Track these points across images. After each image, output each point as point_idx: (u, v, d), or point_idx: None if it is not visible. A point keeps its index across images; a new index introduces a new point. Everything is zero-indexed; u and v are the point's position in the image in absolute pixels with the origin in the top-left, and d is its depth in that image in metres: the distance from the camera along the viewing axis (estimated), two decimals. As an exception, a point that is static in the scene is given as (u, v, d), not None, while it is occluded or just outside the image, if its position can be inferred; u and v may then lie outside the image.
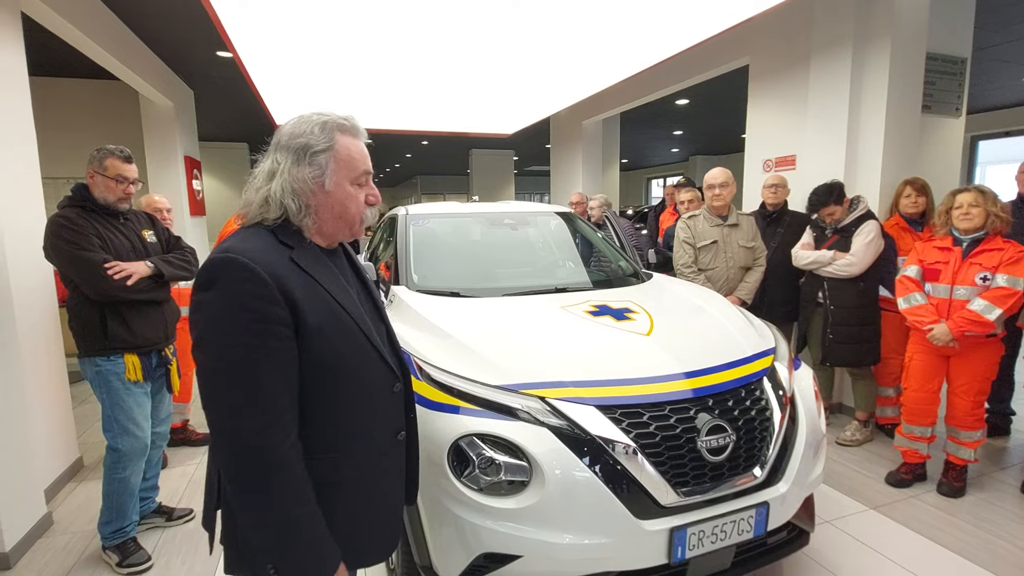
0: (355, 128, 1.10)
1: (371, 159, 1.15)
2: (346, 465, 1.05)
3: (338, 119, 1.07)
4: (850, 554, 2.26)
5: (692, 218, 3.37)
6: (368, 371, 1.07)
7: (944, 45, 3.62)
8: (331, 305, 1.02)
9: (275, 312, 0.93)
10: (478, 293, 2.38)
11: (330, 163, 1.04)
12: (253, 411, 0.91)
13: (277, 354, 0.93)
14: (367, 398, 1.08)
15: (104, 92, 5.93)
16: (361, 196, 1.09)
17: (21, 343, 2.52)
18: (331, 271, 1.08)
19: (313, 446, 1.01)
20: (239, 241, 0.99)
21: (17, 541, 2.32)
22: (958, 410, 2.63)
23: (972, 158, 8.92)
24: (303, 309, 0.96)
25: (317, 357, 0.98)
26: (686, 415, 1.65)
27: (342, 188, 1.06)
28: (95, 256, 2.09)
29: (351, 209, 1.08)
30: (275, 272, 0.94)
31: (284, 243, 1.02)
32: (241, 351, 0.91)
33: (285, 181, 1.02)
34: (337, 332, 1.01)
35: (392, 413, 1.14)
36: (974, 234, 2.54)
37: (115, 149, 2.21)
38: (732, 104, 7.48)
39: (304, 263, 1.02)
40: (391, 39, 3.52)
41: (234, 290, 0.91)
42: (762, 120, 4.23)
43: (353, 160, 1.07)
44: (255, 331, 0.91)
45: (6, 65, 2.65)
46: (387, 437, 1.13)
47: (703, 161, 14.27)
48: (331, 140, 1.05)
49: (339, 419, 1.04)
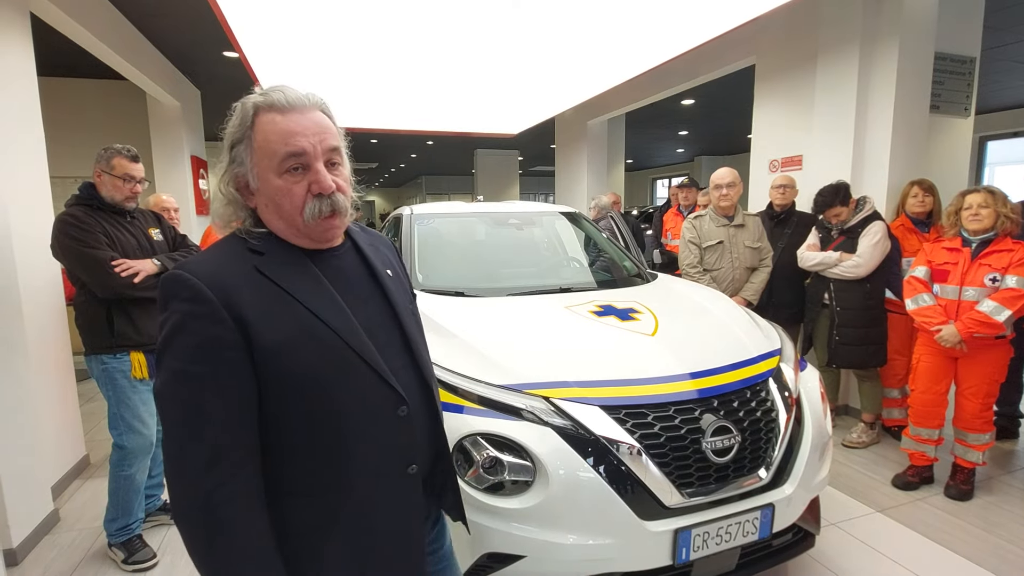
0: (275, 101, 0.88)
1: (373, 155, 0.98)
2: (337, 508, 0.89)
3: (257, 95, 0.89)
4: (856, 557, 2.24)
5: (698, 218, 3.36)
6: (359, 392, 0.90)
7: (952, 45, 3.59)
8: (303, 318, 0.87)
9: (217, 333, 0.81)
10: (482, 293, 2.38)
11: (247, 154, 0.89)
12: (195, 445, 0.80)
13: (225, 380, 0.81)
14: (360, 425, 0.90)
15: (111, 92, 5.97)
16: (298, 187, 0.88)
17: (29, 341, 2.54)
18: (311, 276, 0.92)
19: (293, 486, 0.88)
20: (202, 254, 0.91)
21: (24, 537, 2.34)
22: (966, 412, 2.61)
23: (981, 158, 8.85)
24: (257, 326, 0.83)
25: (281, 380, 0.85)
26: (691, 416, 1.65)
27: (267, 182, 0.88)
28: (102, 254, 2.10)
29: (284, 206, 0.89)
30: (225, 287, 0.83)
31: (254, 250, 0.89)
32: (183, 376, 0.81)
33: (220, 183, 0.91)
34: (309, 349, 0.87)
35: (398, 442, 0.95)
36: (984, 235, 2.52)
37: (122, 148, 2.22)
38: (738, 104, 7.45)
39: (271, 271, 0.88)
40: (396, 39, 3.53)
41: (178, 310, 0.82)
42: (768, 120, 4.21)
43: (270, 144, 0.87)
44: (196, 356, 0.81)
45: (15, 65, 2.67)
46: (393, 471, 0.94)
47: (708, 161, 14.22)
48: (246, 124, 0.88)
49: (319, 452, 0.88)
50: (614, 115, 6.59)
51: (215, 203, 0.94)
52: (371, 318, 0.97)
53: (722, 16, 3.18)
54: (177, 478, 0.81)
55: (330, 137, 0.91)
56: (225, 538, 0.79)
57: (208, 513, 0.79)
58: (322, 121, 0.91)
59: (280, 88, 0.89)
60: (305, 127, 0.88)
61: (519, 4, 2.98)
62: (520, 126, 6.49)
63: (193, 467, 0.80)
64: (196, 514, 0.80)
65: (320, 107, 0.93)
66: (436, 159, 15.90)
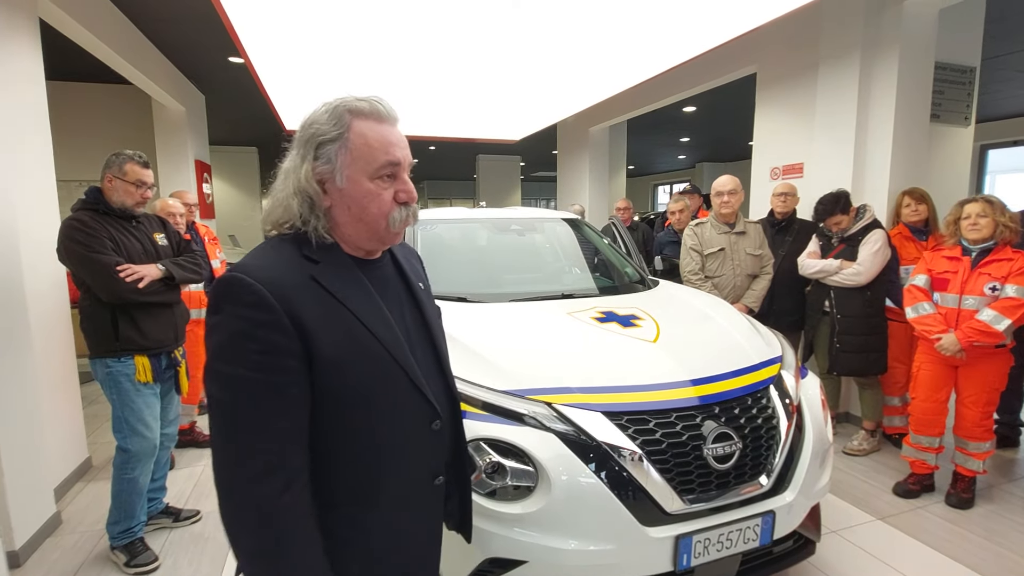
0: (376, 111, 0.91)
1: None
2: (366, 518, 0.90)
3: (352, 100, 0.90)
4: (856, 565, 2.24)
5: (699, 225, 3.38)
6: (400, 407, 0.92)
7: (953, 54, 3.61)
8: (357, 331, 0.87)
9: (282, 342, 0.80)
10: (485, 298, 2.39)
11: (340, 154, 0.89)
12: (252, 454, 0.79)
13: (285, 390, 0.81)
14: (397, 439, 0.92)
15: (117, 96, 6.01)
16: (387, 193, 0.90)
17: (34, 343, 2.55)
18: (363, 288, 0.92)
19: (327, 497, 0.87)
20: (254, 256, 0.88)
21: (27, 540, 2.35)
22: (966, 421, 2.61)
23: (982, 167, 8.87)
24: (318, 338, 0.83)
25: (334, 392, 0.85)
26: (692, 422, 1.65)
27: (358, 184, 0.89)
28: (107, 258, 2.12)
29: (371, 210, 0.90)
30: (287, 294, 0.82)
31: (308, 257, 0.89)
32: (244, 383, 0.79)
33: (292, 179, 0.89)
34: (362, 362, 0.87)
35: (429, 455, 0.97)
36: (983, 244, 2.53)
37: (133, 154, 2.24)
38: (739, 112, 7.48)
39: (327, 281, 0.88)
40: (400, 45, 3.56)
41: (238, 315, 0.80)
42: (770, 128, 4.24)
43: (370, 149, 0.89)
44: (259, 364, 0.79)
45: (24, 69, 2.70)
46: (421, 483, 0.96)
47: (710, 168, 14.25)
48: (342, 126, 0.89)
49: (360, 465, 0.89)
50: (616, 121, 6.62)
51: (271, 201, 0.93)
52: (408, 330, 0.98)
53: (724, 25, 3.21)
54: (231, 486, 0.80)
55: (410, 153, 0.95)
56: (283, 549, 0.79)
57: (264, 523, 0.78)
58: (404, 137, 0.95)
59: (373, 98, 0.92)
60: (400, 139, 0.93)
61: (522, 10, 3.01)
62: (522, 132, 6.52)
63: (249, 476, 0.79)
64: (252, 523, 0.79)
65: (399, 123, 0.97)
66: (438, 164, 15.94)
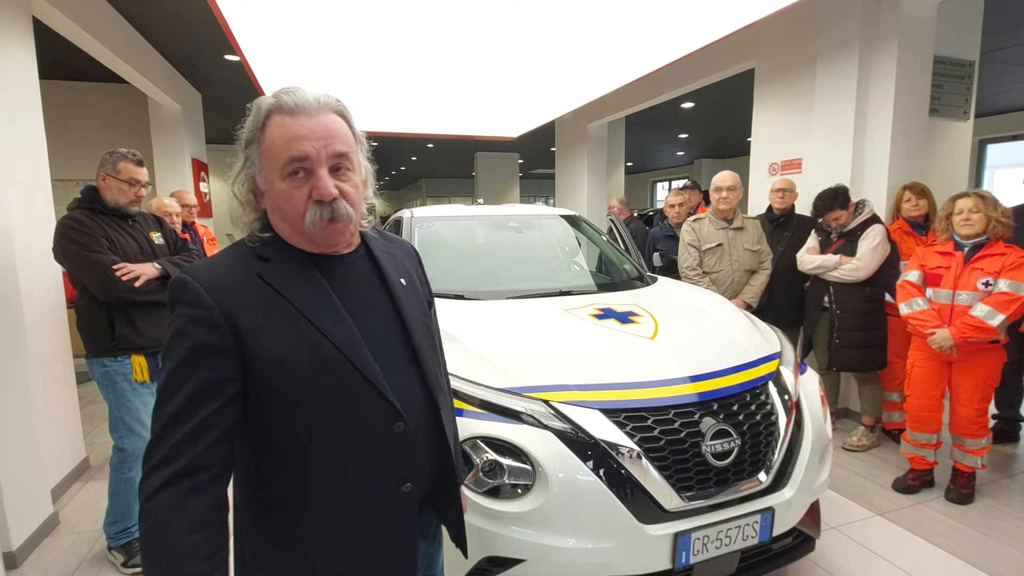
0: (285, 104, 0.85)
1: (373, 158, 0.97)
2: (325, 521, 0.89)
3: (270, 96, 0.87)
4: (856, 561, 2.24)
5: (697, 221, 3.37)
6: (354, 407, 0.89)
7: (952, 48, 3.60)
8: (303, 328, 0.86)
9: (211, 338, 0.82)
10: (482, 296, 2.38)
11: (258, 155, 0.88)
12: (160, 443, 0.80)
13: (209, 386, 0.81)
14: (351, 440, 0.89)
15: (113, 95, 5.98)
16: (299, 192, 0.86)
17: (30, 344, 2.54)
18: (315, 285, 0.90)
19: (284, 496, 0.89)
20: (210, 259, 0.92)
21: (24, 540, 2.34)
22: (962, 418, 2.61)
23: (981, 162, 8.86)
24: (259, 336, 0.83)
25: (277, 389, 0.85)
26: (691, 419, 1.65)
27: (272, 185, 0.88)
28: (103, 257, 2.11)
29: (287, 210, 0.87)
30: (224, 293, 0.83)
31: (261, 256, 0.89)
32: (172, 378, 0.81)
33: (234, 184, 0.91)
34: (304, 359, 0.85)
35: (393, 460, 0.93)
36: (975, 239, 2.53)
37: (127, 153, 2.23)
38: (738, 107, 7.46)
39: (274, 279, 0.87)
40: (397, 43, 3.54)
41: (179, 313, 0.83)
42: (768, 123, 4.22)
43: (275, 147, 0.85)
44: (185, 359, 0.81)
45: (18, 68, 2.68)
46: (385, 489, 0.93)
47: (708, 164, 14.24)
48: (258, 126, 0.87)
49: (313, 465, 0.88)
50: (614, 118, 6.60)
51: (232, 203, 0.94)
52: (376, 328, 0.95)
53: (721, 20, 3.20)
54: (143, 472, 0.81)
55: (337, 142, 0.87)
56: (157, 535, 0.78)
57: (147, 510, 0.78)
58: (332, 125, 0.88)
59: (291, 90, 0.87)
60: (311, 131, 0.85)
61: (519, 7, 2.99)
62: (520, 129, 6.51)
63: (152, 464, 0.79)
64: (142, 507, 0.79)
65: (334, 109, 0.90)
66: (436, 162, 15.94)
